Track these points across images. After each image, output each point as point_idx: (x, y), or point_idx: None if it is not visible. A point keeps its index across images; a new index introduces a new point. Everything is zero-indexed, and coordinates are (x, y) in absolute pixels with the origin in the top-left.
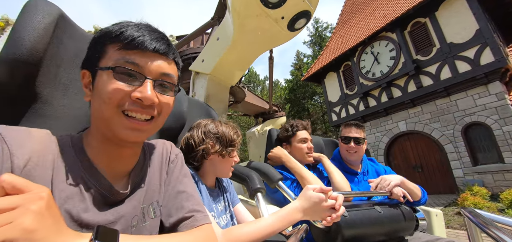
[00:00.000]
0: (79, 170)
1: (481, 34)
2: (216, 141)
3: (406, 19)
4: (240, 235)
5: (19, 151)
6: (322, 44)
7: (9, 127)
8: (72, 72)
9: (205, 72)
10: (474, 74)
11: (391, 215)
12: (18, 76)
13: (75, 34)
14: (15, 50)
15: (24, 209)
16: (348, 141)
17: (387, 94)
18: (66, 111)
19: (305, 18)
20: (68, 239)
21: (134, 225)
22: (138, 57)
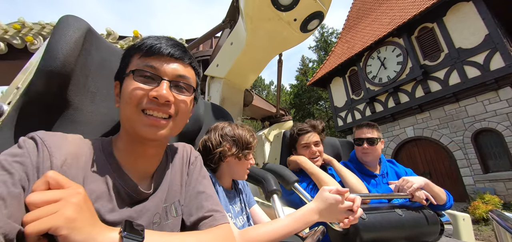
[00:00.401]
0: (108, 171)
1: (491, 39)
2: (232, 144)
3: (413, 24)
4: (257, 235)
5: (57, 153)
6: (327, 49)
7: (48, 132)
8: (98, 81)
9: (219, 77)
10: (483, 79)
11: (413, 218)
12: (53, 86)
13: (101, 46)
14: (51, 63)
15: (66, 201)
16: (361, 142)
17: (394, 99)
18: (94, 117)
19: (318, 19)
20: (101, 230)
21: (156, 222)
22: (155, 61)
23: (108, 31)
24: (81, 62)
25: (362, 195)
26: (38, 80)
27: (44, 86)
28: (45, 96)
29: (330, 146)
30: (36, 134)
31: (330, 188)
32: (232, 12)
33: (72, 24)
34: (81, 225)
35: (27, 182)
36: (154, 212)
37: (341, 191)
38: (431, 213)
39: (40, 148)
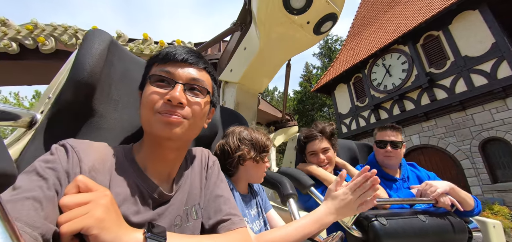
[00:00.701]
0: (132, 176)
1: (498, 48)
2: (251, 147)
3: (418, 32)
4: (273, 238)
5: (86, 159)
6: (331, 56)
7: (77, 140)
8: (121, 89)
9: (234, 81)
10: (491, 88)
11: (437, 225)
12: (80, 95)
13: (123, 56)
14: (78, 73)
15: (95, 203)
16: (384, 145)
17: (399, 107)
18: (117, 124)
19: (331, 21)
20: (126, 231)
21: (177, 224)
22: (170, 67)
23: (118, 33)
24: (105, 72)
25: (382, 200)
26: (67, 90)
27: (72, 95)
28: (73, 105)
29: (347, 149)
30: (67, 141)
31: (334, 184)
32: (243, 15)
33: (97, 37)
34: (109, 225)
35: (60, 186)
36: (175, 214)
37: (342, 176)
38: (458, 220)
39: (70, 154)
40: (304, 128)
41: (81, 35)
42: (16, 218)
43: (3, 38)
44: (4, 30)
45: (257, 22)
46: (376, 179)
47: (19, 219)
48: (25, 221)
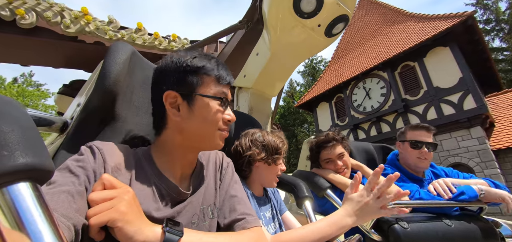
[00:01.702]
0: (151, 176)
1: (464, 82)
2: (262, 149)
3: (396, 61)
4: (290, 239)
5: (110, 160)
6: (315, 75)
7: (103, 142)
8: (141, 96)
9: (247, 87)
10: (458, 118)
11: (465, 229)
12: (107, 101)
13: (143, 65)
14: (105, 82)
15: (119, 198)
16: (419, 146)
17: (376, 128)
18: (139, 128)
19: (343, 22)
20: (147, 224)
21: (194, 222)
22: (226, 89)
23: (110, 18)
24: (128, 80)
25: (401, 203)
26: (94, 97)
27: (99, 101)
28: (100, 111)
29: (364, 151)
30: (93, 143)
31: (350, 187)
32: (251, 13)
33: (121, 48)
34: (131, 218)
35: (88, 183)
36: (192, 212)
37: (357, 179)
38: (488, 224)
39: (96, 155)
40: (312, 137)
41: (68, 14)
42: (54, 209)
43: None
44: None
45: (268, 27)
46: (390, 177)
47: (56, 209)
48: (61, 212)
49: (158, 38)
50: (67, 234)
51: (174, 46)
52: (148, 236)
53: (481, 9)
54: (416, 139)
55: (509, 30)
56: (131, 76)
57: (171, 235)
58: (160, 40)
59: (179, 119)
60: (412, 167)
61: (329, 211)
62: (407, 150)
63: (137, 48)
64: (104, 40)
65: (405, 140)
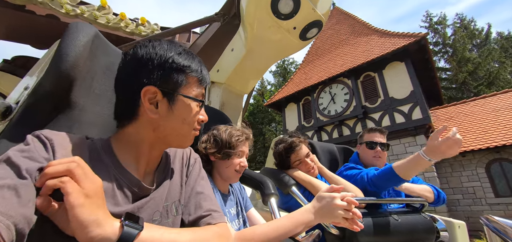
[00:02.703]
0: (110, 169)
1: (414, 95)
2: (214, 143)
3: (359, 70)
4: (253, 236)
5: (61, 152)
6: (286, 76)
7: (53, 132)
8: (103, 83)
9: (220, 82)
10: (407, 126)
11: (408, 224)
12: (61, 87)
13: (107, 50)
14: (60, 65)
15: (87, 178)
16: (373, 146)
17: (338, 131)
18: (98, 118)
19: (316, 28)
20: (106, 216)
21: (156, 219)
22: (204, 91)
23: None
24: (88, 65)
25: (358, 199)
26: (47, 81)
27: (53, 86)
28: (53, 97)
29: (328, 152)
30: (41, 132)
31: (326, 188)
32: (228, 7)
33: (81, 29)
34: (92, 207)
35: (37, 176)
36: (154, 209)
37: (335, 188)
38: (427, 220)
39: (47, 146)
40: (281, 137)
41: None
42: None
43: None
44: None
45: (245, 24)
46: (358, 216)
47: None
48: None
49: (125, 20)
50: (6, 234)
51: (142, 30)
52: (105, 230)
53: (432, 32)
54: (371, 139)
55: (452, 53)
56: (93, 61)
57: (129, 229)
58: (127, 22)
59: (157, 117)
60: (369, 165)
61: (293, 208)
62: (364, 150)
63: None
64: (59, 14)
65: (362, 142)
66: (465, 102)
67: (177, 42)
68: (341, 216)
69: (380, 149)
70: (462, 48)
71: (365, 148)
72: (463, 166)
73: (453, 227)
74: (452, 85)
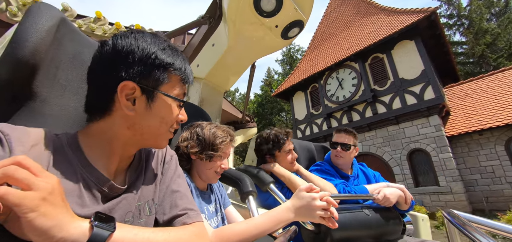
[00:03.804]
0: (76, 167)
1: (426, 74)
2: (196, 142)
3: (367, 53)
4: (231, 234)
5: (19, 148)
6: (293, 64)
7: (11, 125)
8: (70, 73)
9: (199, 77)
10: (419, 107)
11: (378, 218)
12: (20, 75)
13: (75, 38)
14: (18, 51)
15: (38, 183)
16: (336, 146)
17: (347, 117)
18: (63, 111)
19: (298, 28)
20: (71, 218)
21: (128, 220)
22: (186, 89)
23: (64, 6)
24: (52, 52)
25: (334, 195)
26: (3, 67)
27: (9, 74)
28: (10, 86)
29: (306, 149)
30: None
31: (305, 187)
32: (213, 9)
33: (44, 12)
34: (49, 210)
35: None
36: (126, 209)
37: (313, 187)
38: (395, 214)
39: (2, 141)
40: (264, 134)
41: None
42: None
43: None
44: None
45: (227, 19)
46: (335, 216)
47: None
48: None
49: (120, 29)
50: None
51: None
52: (70, 232)
53: (445, 4)
54: (334, 140)
55: (468, 25)
56: (58, 49)
57: (100, 230)
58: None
59: (133, 114)
60: (334, 163)
61: (271, 205)
62: (332, 150)
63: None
64: None
65: (331, 142)
66: (482, 78)
67: (161, 36)
68: (319, 215)
69: (340, 149)
70: (479, 19)
71: (331, 148)
72: (480, 145)
73: (417, 220)
74: (469, 60)
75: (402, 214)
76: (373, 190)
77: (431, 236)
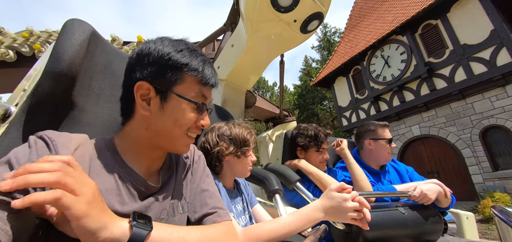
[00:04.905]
0: (115, 168)
1: (497, 35)
2: (230, 142)
3: (416, 21)
4: (260, 233)
5: (64, 152)
6: (330, 49)
7: (56, 132)
8: (102, 82)
9: (221, 78)
10: (491, 75)
11: (415, 217)
12: (59, 87)
13: (105, 49)
14: (57, 65)
15: (83, 183)
16: (390, 142)
17: (399, 98)
18: (98, 118)
19: (317, 20)
20: (112, 218)
21: (163, 218)
22: (207, 92)
23: (113, 37)
24: (86, 64)
25: (365, 193)
26: (44, 82)
27: (50, 88)
28: (52, 98)
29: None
30: (44, 133)
31: (336, 186)
32: (233, 15)
33: (77, 27)
34: (95, 212)
35: None
36: (161, 208)
37: (344, 187)
38: (434, 212)
39: (49, 146)
40: (303, 126)
41: None
42: None
43: (0, 46)
44: (0, 38)
45: (244, 19)
46: (368, 218)
47: None
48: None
49: (141, 42)
50: (5, 240)
51: None
52: (114, 232)
53: None
54: (387, 136)
55: None
56: (91, 60)
57: (139, 230)
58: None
59: (148, 114)
60: (372, 161)
61: (298, 204)
62: (382, 146)
63: None
64: None
65: (378, 138)
66: None
67: (184, 41)
68: (351, 217)
69: (394, 144)
70: None
71: (383, 144)
72: None
73: (461, 218)
74: None
75: (442, 212)
76: (409, 186)
77: (477, 236)
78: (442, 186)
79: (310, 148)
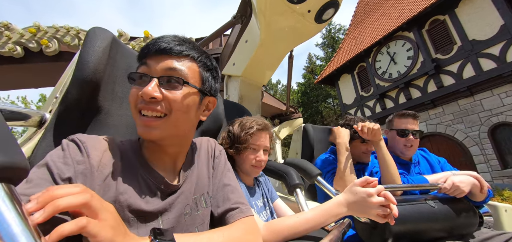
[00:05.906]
0: (137, 168)
1: (507, 30)
2: (228, 139)
3: (423, 17)
4: (282, 227)
5: (94, 153)
6: (335, 46)
7: (86, 135)
8: (124, 86)
9: (236, 75)
10: (500, 72)
11: (446, 210)
12: (86, 93)
13: (124, 53)
14: (83, 72)
15: (103, 209)
16: (406, 134)
17: (405, 95)
18: (122, 120)
19: (333, 8)
20: (133, 239)
21: (187, 213)
22: (148, 60)
23: (120, 32)
24: (108, 69)
25: (390, 187)
26: (73, 88)
27: (78, 93)
28: (80, 103)
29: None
30: (76, 136)
31: (360, 181)
32: (243, 8)
33: (99, 35)
34: (119, 235)
35: (73, 179)
36: (185, 203)
37: (369, 180)
38: (468, 205)
39: (81, 149)
40: (356, 116)
41: (84, 35)
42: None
43: (7, 42)
44: (7, 34)
45: (257, 13)
46: (395, 213)
47: None
48: None
49: (149, 37)
50: None
51: None
52: None
53: None
54: (403, 127)
55: None
56: (113, 65)
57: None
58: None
59: None
60: (398, 154)
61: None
62: (394, 138)
63: None
64: None
65: (392, 128)
66: None
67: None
68: (376, 213)
69: (412, 137)
70: None
71: (395, 136)
72: None
73: (498, 211)
74: None
75: (477, 206)
76: (439, 178)
77: None
78: (479, 178)
79: (355, 139)
